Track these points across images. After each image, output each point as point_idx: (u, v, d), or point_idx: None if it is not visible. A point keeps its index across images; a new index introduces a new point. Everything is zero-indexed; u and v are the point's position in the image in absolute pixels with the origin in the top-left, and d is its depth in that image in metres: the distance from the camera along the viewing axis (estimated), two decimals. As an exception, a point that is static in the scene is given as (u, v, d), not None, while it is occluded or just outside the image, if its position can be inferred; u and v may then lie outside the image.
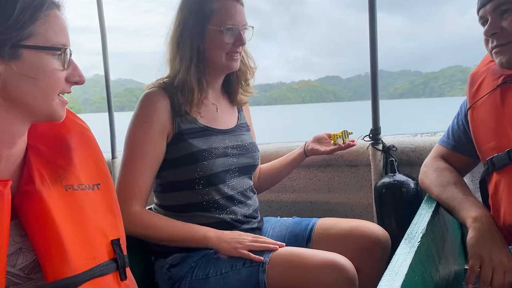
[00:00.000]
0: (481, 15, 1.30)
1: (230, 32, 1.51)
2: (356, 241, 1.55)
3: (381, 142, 1.93)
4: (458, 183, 1.38)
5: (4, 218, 0.82)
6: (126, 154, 1.50)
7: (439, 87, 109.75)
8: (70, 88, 0.94)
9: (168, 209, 1.56)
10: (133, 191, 1.47)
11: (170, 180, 1.53)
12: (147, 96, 1.52)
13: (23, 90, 0.86)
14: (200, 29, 1.51)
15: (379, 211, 1.83)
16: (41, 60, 0.87)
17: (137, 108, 1.51)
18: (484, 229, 1.21)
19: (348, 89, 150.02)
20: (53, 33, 0.88)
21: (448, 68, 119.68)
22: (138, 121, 1.49)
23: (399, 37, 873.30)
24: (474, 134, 1.36)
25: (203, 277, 1.43)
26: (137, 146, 1.48)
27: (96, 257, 0.95)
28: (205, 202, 1.52)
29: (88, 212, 0.96)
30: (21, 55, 0.85)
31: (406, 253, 1.04)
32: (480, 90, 1.36)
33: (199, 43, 1.51)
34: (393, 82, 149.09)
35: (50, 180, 0.92)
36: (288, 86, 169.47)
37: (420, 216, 1.30)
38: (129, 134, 1.51)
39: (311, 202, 2.11)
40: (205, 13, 1.50)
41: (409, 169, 1.91)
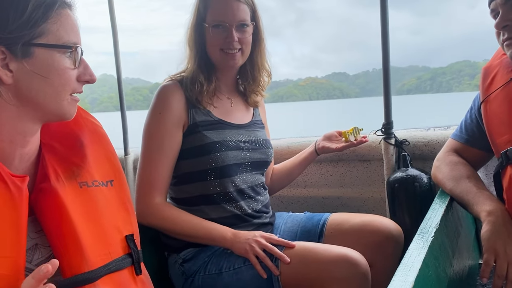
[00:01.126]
0: (493, 7, 1.30)
1: (220, 29, 1.53)
2: (369, 236, 1.55)
3: (393, 137, 1.92)
4: (471, 177, 1.38)
5: (22, 213, 0.83)
6: (144, 146, 1.53)
7: (447, 82, 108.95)
8: (81, 87, 0.95)
9: (181, 202, 1.57)
10: (154, 182, 1.49)
11: (183, 172, 1.54)
12: (162, 89, 1.55)
13: (34, 88, 0.87)
14: (200, 26, 1.56)
15: (392, 206, 1.82)
16: (52, 58, 0.88)
17: (153, 101, 1.55)
18: (498, 223, 1.21)
19: (356, 85, 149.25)
20: (64, 32, 0.89)
21: (456, 63, 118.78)
22: (154, 112, 1.53)
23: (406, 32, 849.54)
24: (488, 128, 1.35)
25: (216, 272, 1.44)
26: (154, 137, 1.51)
27: (112, 252, 0.96)
28: (215, 194, 1.53)
29: (102, 208, 0.97)
30: (33, 53, 0.86)
31: (420, 248, 1.03)
32: (493, 84, 1.35)
33: (200, 40, 1.56)
34: (401, 78, 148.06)
35: (65, 177, 0.93)
36: (295, 84, 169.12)
37: (433, 211, 1.30)
38: (146, 126, 1.53)
39: (323, 197, 2.11)
40: (202, 11, 1.55)
41: (422, 164, 1.90)
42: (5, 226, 0.80)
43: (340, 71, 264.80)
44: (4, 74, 0.84)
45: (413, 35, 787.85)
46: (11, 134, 0.88)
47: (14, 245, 0.81)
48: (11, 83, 0.85)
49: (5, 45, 0.83)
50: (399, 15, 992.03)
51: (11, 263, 0.80)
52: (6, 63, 0.84)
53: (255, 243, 1.41)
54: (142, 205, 1.49)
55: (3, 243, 0.80)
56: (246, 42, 1.57)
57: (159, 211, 1.48)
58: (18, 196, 0.83)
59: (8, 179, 0.82)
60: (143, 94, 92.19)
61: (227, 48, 1.53)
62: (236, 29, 1.53)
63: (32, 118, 0.90)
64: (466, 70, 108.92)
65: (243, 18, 1.55)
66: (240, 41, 1.54)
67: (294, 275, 1.36)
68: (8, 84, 0.85)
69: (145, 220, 1.47)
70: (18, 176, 0.85)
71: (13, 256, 0.81)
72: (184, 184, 1.56)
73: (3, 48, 0.83)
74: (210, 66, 1.58)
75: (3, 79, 0.84)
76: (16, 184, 0.83)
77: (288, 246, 1.41)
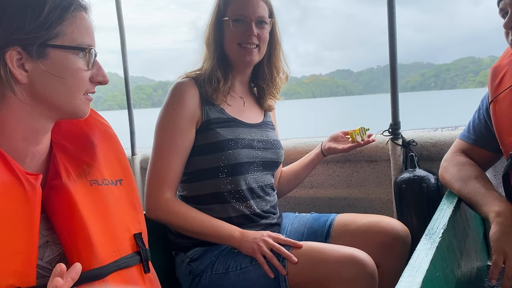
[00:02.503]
0: (501, 7, 1.30)
1: (240, 23, 1.56)
2: (376, 236, 1.55)
3: (400, 137, 1.92)
4: (479, 177, 1.37)
5: (36, 210, 0.85)
6: (156, 141, 1.53)
7: (451, 79, 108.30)
8: (94, 88, 0.97)
9: (191, 200, 1.57)
10: (165, 178, 1.50)
11: (195, 169, 1.55)
12: (177, 85, 1.56)
13: (49, 88, 0.89)
14: (219, 22, 1.58)
15: (399, 207, 1.82)
16: (67, 59, 0.90)
17: (168, 97, 1.56)
18: (507, 223, 1.20)
19: (360, 82, 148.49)
20: (79, 33, 0.91)
21: (461, 59, 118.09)
22: (168, 108, 1.54)
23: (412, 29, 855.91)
24: (497, 128, 1.35)
25: (223, 272, 1.45)
26: (167, 133, 1.52)
27: (121, 249, 0.97)
28: (226, 192, 1.54)
29: (111, 206, 0.99)
30: (48, 54, 0.88)
31: (427, 249, 1.03)
32: (502, 83, 1.35)
33: (218, 36, 1.58)
34: (406, 75, 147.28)
35: (76, 175, 0.95)
36: (299, 81, 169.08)
37: (441, 212, 1.29)
38: (159, 121, 1.54)
39: (329, 197, 2.11)
40: (222, 7, 1.57)
41: (429, 164, 1.89)
42: (19, 222, 0.82)
43: (344, 68, 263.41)
44: (19, 74, 0.86)
45: (419, 32, 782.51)
46: (24, 132, 0.90)
47: (27, 242, 0.83)
48: (26, 83, 0.87)
49: (21, 45, 0.85)
50: (405, 12, 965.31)
51: (24, 259, 0.82)
52: (22, 63, 0.86)
53: (262, 242, 1.42)
54: (152, 199, 1.49)
55: (17, 239, 0.81)
56: (264, 39, 1.59)
57: (168, 207, 1.49)
58: (32, 193, 0.84)
59: (22, 176, 0.84)
60: (147, 93, 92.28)
61: (246, 42, 1.56)
62: (255, 24, 1.57)
63: (45, 116, 0.92)
64: (471, 67, 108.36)
65: (262, 15, 1.58)
66: (258, 37, 1.57)
67: (301, 275, 1.36)
68: (23, 84, 0.87)
69: (154, 215, 1.48)
70: (32, 174, 0.87)
71: (26, 252, 0.83)
72: (195, 181, 1.57)
73: (20, 48, 0.85)
74: (227, 64, 1.60)
75: (19, 79, 0.86)
76: (30, 181, 0.85)
77: (295, 246, 1.41)
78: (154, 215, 1.48)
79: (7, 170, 0.83)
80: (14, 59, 0.85)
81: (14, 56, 0.85)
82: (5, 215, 0.80)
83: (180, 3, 59.32)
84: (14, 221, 0.81)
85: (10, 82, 0.86)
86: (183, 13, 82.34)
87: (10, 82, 0.86)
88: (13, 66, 0.85)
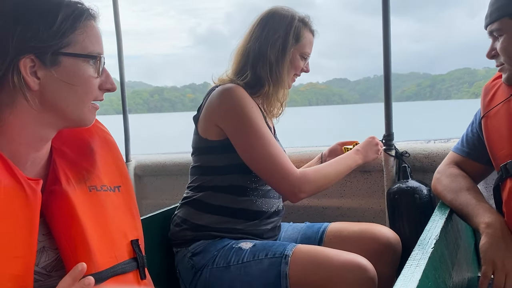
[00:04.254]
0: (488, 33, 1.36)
1: (306, 60, 1.70)
2: (367, 243, 1.59)
3: (394, 148, 1.93)
4: (471, 189, 1.39)
5: (35, 215, 0.85)
6: (257, 134, 1.53)
7: (446, 90, 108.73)
8: (102, 95, 0.99)
9: (220, 190, 1.60)
10: (287, 159, 1.55)
11: (235, 163, 1.58)
12: (238, 89, 1.57)
13: (59, 95, 0.91)
14: (284, 48, 1.62)
15: (392, 217, 1.83)
16: (78, 67, 0.92)
17: (236, 99, 1.55)
18: (497, 235, 1.22)
19: (356, 91, 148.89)
20: (89, 42, 0.93)
21: (456, 70, 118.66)
22: (248, 107, 1.55)
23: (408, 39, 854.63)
24: (488, 142, 1.37)
25: (224, 266, 1.47)
26: (261, 125, 1.54)
27: (118, 255, 0.98)
28: (249, 188, 1.59)
29: (110, 212, 1.00)
30: (60, 62, 0.90)
31: (420, 259, 1.04)
32: (493, 100, 1.38)
33: (279, 59, 1.62)
34: (402, 85, 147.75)
35: (75, 181, 0.96)
36: (296, 89, 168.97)
37: (433, 222, 1.30)
38: (247, 118, 1.53)
39: (323, 207, 2.12)
40: (293, 39, 1.63)
41: (422, 176, 1.91)
42: (19, 227, 0.83)
43: (341, 77, 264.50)
44: (32, 81, 0.88)
45: (416, 42, 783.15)
46: (28, 138, 0.91)
47: (26, 246, 0.84)
48: (38, 90, 0.89)
49: (35, 53, 0.87)
50: (401, 22, 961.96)
51: (22, 264, 0.82)
52: (34, 70, 0.88)
53: (376, 148, 1.81)
54: (294, 181, 1.52)
55: (17, 244, 0.82)
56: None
57: (307, 178, 1.54)
58: (33, 198, 0.85)
59: (24, 181, 0.85)
60: (143, 98, 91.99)
61: (298, 74, 1.72)
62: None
63: (51, 124, 0.93)
64: (465, 78, 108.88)
65: None
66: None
67: (303, 275, 1.40)
68: (34, 91, 0.89)
69: (304, 193, 1.54)
70: (33, 179, 0.88)
71: (25, 256, 0.83)
72: (231, 174, 1.60)
73: (33, 56, 0.87)
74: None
75: (31, 86, 0.88)
76: (31, 186, 0.86)
77: None
78: (304, 193, 1.55)
79: (9, 174, 0.83)
80: (27, 66, 0.87)
81: (28, 64, 0.87)
82: (6, 219, 0.81)
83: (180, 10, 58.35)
84: (14, 225, 0.82)
85: (22, 89, 0.87)
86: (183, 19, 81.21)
87: (23, 89, 0.87)
88: (27, 74, 0.87)
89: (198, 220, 1.59)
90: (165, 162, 2.45)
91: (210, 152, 1.61)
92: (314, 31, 1.71)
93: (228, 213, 1.59)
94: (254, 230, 1.60)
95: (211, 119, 1.58)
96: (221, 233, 1.57)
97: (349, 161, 1.70)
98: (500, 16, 1.27)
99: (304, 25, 1.66)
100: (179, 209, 1.67)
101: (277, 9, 1.66)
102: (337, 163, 1.67)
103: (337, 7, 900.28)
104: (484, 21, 1.36)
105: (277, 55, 1.61)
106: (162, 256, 1.65)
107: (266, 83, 1.61)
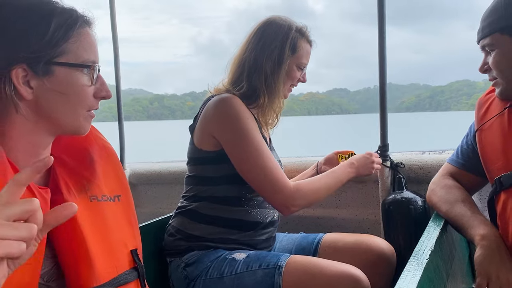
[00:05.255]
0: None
1: (301, 70, 1.69)
2: (362, 254, 1.59)
3: (389, 159, 1.94)
4: (466, 201, 1.40)
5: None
6: (252, 146, 1.52)
7: (445, 101, 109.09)
8: (97, 103, 0.97)
9: (215, 200, 1.59)
10: (281, 172, 1.55)
11: (231, 173, 1.56)
12: (234, 99, 1.56)
13: (53, 104, 0.90)
14: (280, 59, 1.61)
15: (387, 228, 1.83)
16: (71, 76, 0.90)
17: (232, 110, 1.54)
18: (492, 247, 1.22)
19: (356, 101, 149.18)
20: (83, 50, 0.92)
21: (456, 82, 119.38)
22: (243, 118, 1.53)
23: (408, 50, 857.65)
24: (482, 155, 1.38)
25: (217, 277, 1.47)
26: (256, 136, 1.54)
27: (118, 266, 0.97)
28: (245, 198, 1.59)
29: (110, 223, 0.99)
30: (53, 71, 0.88)
31: (415, 270, 1.04)
32: (487, 113, 1.39)
33: (274, 70, 1.61)
34: (402, 96, 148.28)
35: (76, 191, 0.95)
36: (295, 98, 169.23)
37: (428, 233, 1.30)
38: (242, 130, 1.52)
39: (318, 217, 2.11)
40: (289, 50, 1.62)
41: (416, 187, 1.91)
42: None
43: (341, 87, 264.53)
44: (25, 91, 0.87)
45: (416, 53, 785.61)
46: (26, 146, 0.90)
47: (35, 254, 0.80)
48: (31, 99, 0.88)
49: (27, 63, 0.86)
50: (401, 33, 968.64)
51: (30, 271, 0.82)
52: (27, 80, 0.87)
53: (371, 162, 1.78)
54: (287, 194, 1.52)
55: None
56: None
57: (299, 192, 1.54)
58: (44, 206, 0.84)
59: (35, 190, 0.85)
60: (143, 105, 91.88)
61: (295, 85, 1.72)
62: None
63: (47, 132, 0.92)
64: (465, 90, 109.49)
65: None
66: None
67: (297, 286, 1.40)
68: (28, 100, 0.88)
69: (296, 207, 1.55)
70: (42, 188, 0.87)
71: (33, 263, 0.82)
72: (226, 184, 1.59)
73: (26, 66, 0.86)
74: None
75: (24, 95, 0.87)
76: (42, 195, 0.86)
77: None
78: (297, 206, 1.55)
79: None
80: (20, 76, 0.86)
81: (20, 74, 0.86)
82: None
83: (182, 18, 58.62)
84: None
85: (15, 99, 0.86)
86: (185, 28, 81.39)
87: (15, 99, 0.86)
88: (19, 83, 0.86)
89: (192, 230, 1.58)
90: (160, 171, 2.44)
91: (205, 162, 1.60)
92: (311, 41, 1.70)
93: (223, 224, 1.58)
94: (249, 240, 1.60)
95: (207, 130, 1.57)
96: (215, 244, 1.56)
97: (342, 176, 1.68)
98: (492, 32, 1.29)
99: (301, 36, 1.65)
100: (173, 219, 1.66)
101: (274, 19, 1.65)
102: (329, 176, 1.65)
103: (337, 17, 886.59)
104: (476, 36, 1.38)
105: (273, 66, 1.60)
106: (156, 265, 1.64)
107: (262, 94, 1.60)
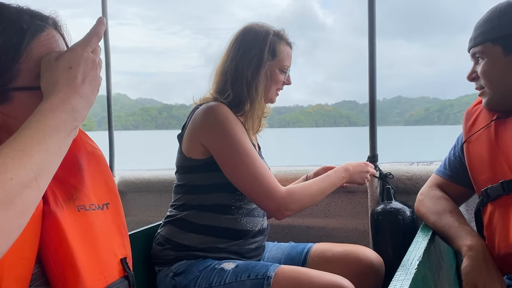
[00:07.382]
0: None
1: (285, 73, 1.69)
2: (351, 264, 1.59)
3: (378, 170, 1.94)
4: (453, 212, 1.40)
5: (39, 218, 0.83)
6: (242, 152, 1.52)
7: (454, 115, 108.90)
8: None
9: (204, 209, 1.58)
10: (272, 177, 1.54)
11: (220, 181, 1.56)
12: (222, 107, 1.56)
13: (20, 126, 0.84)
14: (259, 65, 1.61)
15: (375, 238, 1.82)
16: (33, 100, 0.82)
17: (220, 117, 1.54)
18: (479, 258, 1.22)
19: (364, 114, 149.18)
20: (38, 67, 0.83)
21: (465, 96, 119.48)
22: (231, 125, 1.53)
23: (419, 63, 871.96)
24: (470, 166, 1.38)
25: (206, 287, 1.45)
26: (246, 143, 1.53)
27: (107, 276, 0.94)
28: (234, 206, 1.58)
29: (99, 233, 0.95)
30: (12, 97, 0.83)
31: (403, 280, 1.03)
32: (475, 125, 1.40)
33: (255, 77, 1.60)
34: (411, 109, 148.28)
35: (63, 200, 0.90)
36: (303, 110, 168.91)
37: (416, 244, 1.31)
38: (233, 137, 1.52)
39: (307, 226, 2.10)
40: (272, 53, 1.63)
41: (405, 197, 1.91)
42: (27, 230, 0.77)
43: (350, 99, 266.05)
44: None
45: (426, 67, 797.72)
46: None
47: (30, 249, 0.82)
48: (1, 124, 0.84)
49: None
50: (411, 47, 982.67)
51: (27, 265, 0.81)
52: None
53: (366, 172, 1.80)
54: (280, 198, 1.52)
55: (24, 246, 0.80)
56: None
57: (291, 198, 1.54)
58: (36, 216, 0.82)
59: None
60: (151, 115, 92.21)
61: (281, 88, 1.72)
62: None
63: None
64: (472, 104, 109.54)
65: None
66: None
67: None
68: None
69: (289, 211, 1.55)
70: None
71: (29, 258, 0.82)
72: (215, 192, 1.58)
73: None
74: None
75: None
76: None
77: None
78: (289, 212, 1.55)
79: None
80: None
81: None
82: None
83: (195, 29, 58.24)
84: (24, 229, 0.78)
85: None
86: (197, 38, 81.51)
87: None
88: None
89: (181, 239, 1.57)
90: (149, 179, 2.43)
91: (194, 171, 1.60)
92: (291, 43, 1.70)
93: (212, 232, 1.57)
94: (238, 249, 1.59)
95: (195, 138, 1.57)
96: (204, 253, 1.55)
97: (336, 180, 1.69)
98: (484, 40, 1.31)
99: (279, 39, 1.65)
100: (162, 228, 1.65)
101: (251, 26, 1.65)
102: (322, 180, 1.65)
103: (347, 30, 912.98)
104: (467, 44, 1.38)
105: (253, 73, 1.60)
106: (144, 274, 1.63)
107: (245, 101, 1.60)
